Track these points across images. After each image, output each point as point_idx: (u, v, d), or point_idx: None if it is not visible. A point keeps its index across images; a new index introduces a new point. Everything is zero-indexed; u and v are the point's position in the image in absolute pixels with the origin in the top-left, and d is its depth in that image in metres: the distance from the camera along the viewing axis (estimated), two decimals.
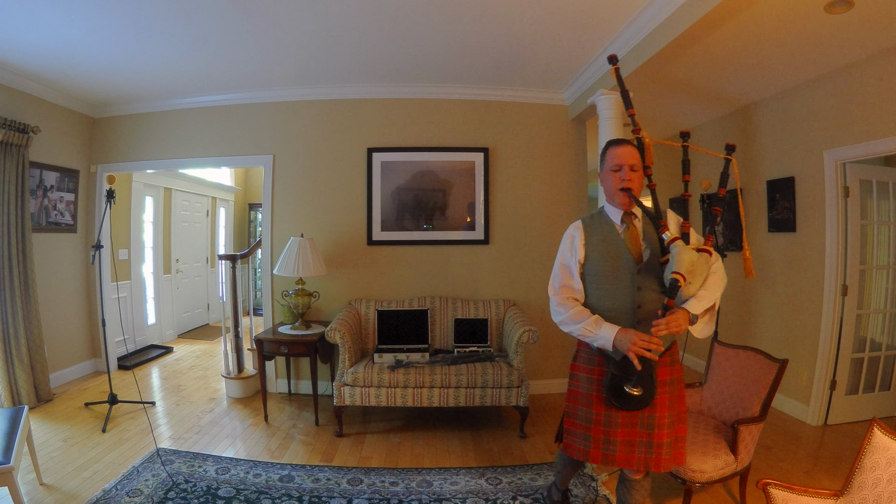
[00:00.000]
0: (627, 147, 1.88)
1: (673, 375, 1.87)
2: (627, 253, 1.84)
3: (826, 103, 3.53)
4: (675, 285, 1.66)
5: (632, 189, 1.82)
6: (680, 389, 1.88)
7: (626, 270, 1.83)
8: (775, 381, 2.41)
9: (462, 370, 3.38)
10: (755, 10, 2.55)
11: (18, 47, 3.35)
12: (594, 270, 1.89)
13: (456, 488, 2.73)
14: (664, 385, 1.83)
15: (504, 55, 3.57)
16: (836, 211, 3.47)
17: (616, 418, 1.83)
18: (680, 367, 1.92)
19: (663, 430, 1.81)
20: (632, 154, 1.86)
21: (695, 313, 1.71)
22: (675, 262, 1.66)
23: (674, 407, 1.84)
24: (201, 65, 3.73)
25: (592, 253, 1.90)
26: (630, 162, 1.84)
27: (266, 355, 3.76)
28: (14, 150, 3.75)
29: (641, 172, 1.87)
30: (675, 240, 1.71)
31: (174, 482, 2.72)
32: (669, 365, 1.86)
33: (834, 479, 2.74)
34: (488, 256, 4.36)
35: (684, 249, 1.67)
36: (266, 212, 4.41)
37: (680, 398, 1.88)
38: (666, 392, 1.83)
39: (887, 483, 1.51)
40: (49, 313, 4.23)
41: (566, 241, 1.98)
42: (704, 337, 1.81)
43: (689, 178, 1.98)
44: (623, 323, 1.79)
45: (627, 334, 1.73)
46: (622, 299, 1.84)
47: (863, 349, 3.62)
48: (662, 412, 1.81)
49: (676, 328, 1.67)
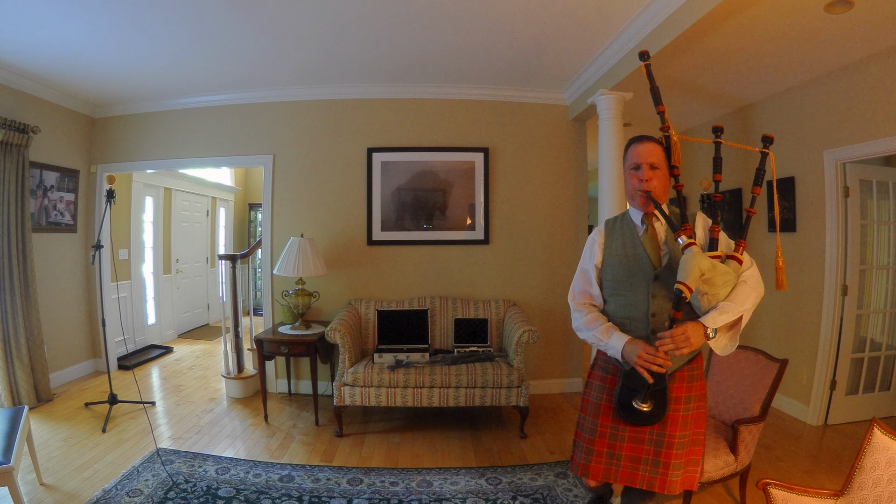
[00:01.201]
0: (649, 144, 1.72)
1: (691, 392, 1.70)
2: (646, 257, 1.70)
3: (826, 103, 3.53)
4: (679, 297, 1.49)
5: (652, 190, 1.68)
6: (699, 408, 1.72)
7: (643, 276, 1.69)
8: (775, 381, 2.41)
9: (462, 370, 3.38)
10: (755, 10, 2.55)
11: (18, 47, 3.35)
12: (611, 275, 1.78)
13: (456, 488, 2.73)
14: (679, 402, 1.68)
15: (504, 55, 3.57)
16: (836, 211, 3.47)
17: (623, 432, 1.72)
18: (702, 383, 1.75)
19: (673, 449, 1.66)
20: (652, 151, 1.70)
21: (712, 327, 1.55)
22: (681, 270, 1.51)
23: (689, 427, 1.69)
24: (201, 65, 3.73)
25: (610, 257, 1.79)
26: (650, 160, 1.69)
27: (266, 355, 3.76)
28: (14, 150, 3.75)
29: (665, 171, 1.71)
30: (689, 245, 1.55)
31: (174, 482, 2.72)
32: (687, 381, 1.70)
33: (834, 479, 2.74)
34: (488, 256, 4.36)
35: (694, 256, 1.51)
36: (266, 212, 4.41)
37: (698, 418, 1.72)
38: (680, 410, 1.68)
39: (887, 483, 1.51)
40: (49, 313, 4.23)
41: (587, 245, 1.90)
42: (726, 354, 1.64)
43: (720, 177, 1.77)
44: (638, 332, 1.68)
45: (635, 346, 1.62)
46: (638, 307, 1.71)
47: (863, 349, 3.62)
48: (674, 430, 1.67)
49: (684, 343, 1.52)
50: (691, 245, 1.55)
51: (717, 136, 1.81)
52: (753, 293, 1.61)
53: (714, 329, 1.56)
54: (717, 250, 1.64)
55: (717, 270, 1.55)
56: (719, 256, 1.63)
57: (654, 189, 1.68)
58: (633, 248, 1.74)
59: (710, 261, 1.53)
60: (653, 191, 1.68)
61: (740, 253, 1.66)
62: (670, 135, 1.74)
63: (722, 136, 1.80)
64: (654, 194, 1.68)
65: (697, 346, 1.55)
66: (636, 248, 1.73)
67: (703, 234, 1.72)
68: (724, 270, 1.56)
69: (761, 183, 1.72)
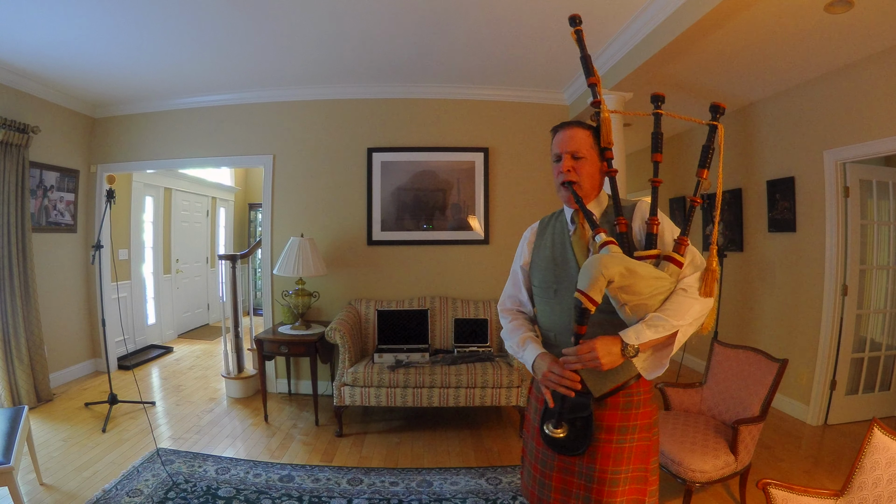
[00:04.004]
0: (570, 130, 1.48)
1: (628, 422, 1.40)
2: (574, 260, 1.45)
3: (826, 103, 3.53)
4: (579, 309, 1.23)
5: (575, 182, 1.44)
6: (643, 440, 1.41)
7: (570, 282, 1.41)
8: (775, 381, 2.41)
9: (462, 370, 3.38)
10: (755, 10, 2.55)
11: (19, 47, 3.35)
12: (538, 279, 1.55)
13: (456, 488, 2.73)
14: (611, 432, 1.39)
15: (504, 55, 3.57)
16: (836, 211, 3.47)
17: (552, 460, 1.47)
18: (647, 411, 1.43)
19: (605, 486, 1.37)
20: (573, 138, 1.46)
21: (633, 344, 1.25)
22: (581, 275, 1.22)
23: (627, 461, 1.39)
24: (201, 65, 3.73)
25: (538, 258, 1.57)
26: (570, 148, 1.45)
27: (266, 355, 3.76)
28: (14, 150, 3.75)
29: (594, 160, 1.47)
30: (606, 244, 1.31)
31: (174, 482, 2.72)
32: (623, 409, 1.40)
33: (834, 479, 2.74)
34: (488, 256, 4.36)
35: (599, 259, 1.22)
36: (266, 212, 4.41)
37: (642, 451, 1.41)
38: (612, 441, 1.39)
39: (887, 483, 1.51)
40: (49, 313, 4.23)
41: (519, 243, 1.68)
42: (651, 378, 1.34)
43: (660, 157, 1.49)
44: (561, 347, 1.37)
45: (543, 362, 1.39)
46: (563, 317, 1.44)
47: (863, 349, 3.62)
48: (605, 464, 1.38)
49: (591, 363, 1.26)
50: (608, 244, 1.31)
51: (656, 107, 1.48)
52: (696, 304, 1.29)
53: (636, 347, 1.26)
54: (654, 248, 1.35)
55: (639, 276, 1.25)
56: (653, 257, 1.34)
57: (578, 181, 1.44)
58: (561, 250, 1.51)
59: (627, 264, 1.23)
60: (576, 183, 1.44)
61: (681, 253, 1.33)
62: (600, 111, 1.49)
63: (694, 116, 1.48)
64: (580, 187, 1.44)
65: (611, 365, 1.27)
66: (565, 249, 1.49)
67: (640, 227, 1.42)
68: (649, 275, 1.27)
69: (707, 163, 1.39)
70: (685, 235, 1.34)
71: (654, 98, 1.51)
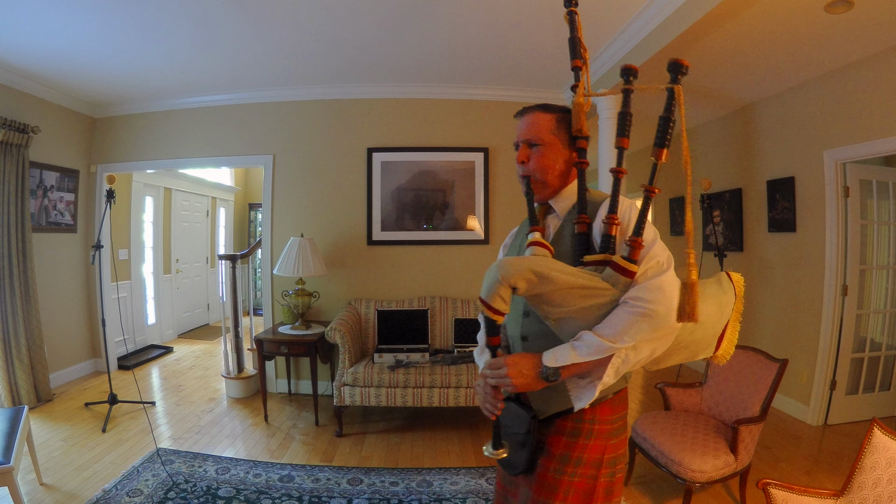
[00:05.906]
0: (528, 115, 1.31)
1: (573, 453, 1.21)
2: None
3: (826, 103, 3.52)
4: (486, 320, 1.09)
5: (533, 174, 1.28)
6: (588, 477, 1.20)
7: None
8: (775, 381, 2.41)
9: (462, 370, 3.38)
10: (755, 9, 2.55)
11: (19, 47, 3.35)
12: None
13: (456, 488, 2.73)
14: (551, 460, 1.22)
15: (504, 55, 3.57)
16: (836, 211, 3.47)
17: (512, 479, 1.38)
18: (599, 444, 1.22)
19: None
20: (531, 124, 1.29)
21: (550, 365, 1.09)
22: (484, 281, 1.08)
23: (563, 498, 1.19)
24: (201, 65, 3.73)
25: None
26: (525, 136, 1.29)
27: (266, 355, 3.76)
28: (14, 150, 3.75)
29: (557, 148, 1.29)
30: (533, 244, 1.17)
31: (174, 482, 2.72)
32: (569, 435, 1.22)
33: (834, 479, 2.74)
34: (488, 256, 4.36)
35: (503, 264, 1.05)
36: (266, 212, 4.41)
37: (583, 491, 1.19)
38: (550, 470, 1.21)
39: (887, 483, 1.51)
40: (49, 313, 4.23)
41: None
42: (581, 406, 1.15)
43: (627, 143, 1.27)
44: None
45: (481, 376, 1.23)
46: (511, 324, 1.34)
47: (863, 349, 3.62)
48: (539, 494, 1.21)
49: (500, 380, 1.13)
50: (534, 245, 1.16)
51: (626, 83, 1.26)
52: (641, 321, 1.04)
53: (555, 368, 1.09)
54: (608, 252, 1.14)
55: (558, 284, 1.05)
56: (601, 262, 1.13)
57: (535, 172, 1.28)
58: (519, 252, 1.34)
59: (538, 269, 1.04)
60: (531, 175, 1.28)
61: (634, 258, 1.09)
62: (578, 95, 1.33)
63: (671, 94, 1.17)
64: (535, 179, 1.28)
65: (527, 387, 1.12)
66: (522, 251, 1.29)
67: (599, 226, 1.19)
68: (569, 284, 1.06)
69: (666, 141, 1.15)
70: (639, 236, 1.10)
71: (624, 71, 1.27)
